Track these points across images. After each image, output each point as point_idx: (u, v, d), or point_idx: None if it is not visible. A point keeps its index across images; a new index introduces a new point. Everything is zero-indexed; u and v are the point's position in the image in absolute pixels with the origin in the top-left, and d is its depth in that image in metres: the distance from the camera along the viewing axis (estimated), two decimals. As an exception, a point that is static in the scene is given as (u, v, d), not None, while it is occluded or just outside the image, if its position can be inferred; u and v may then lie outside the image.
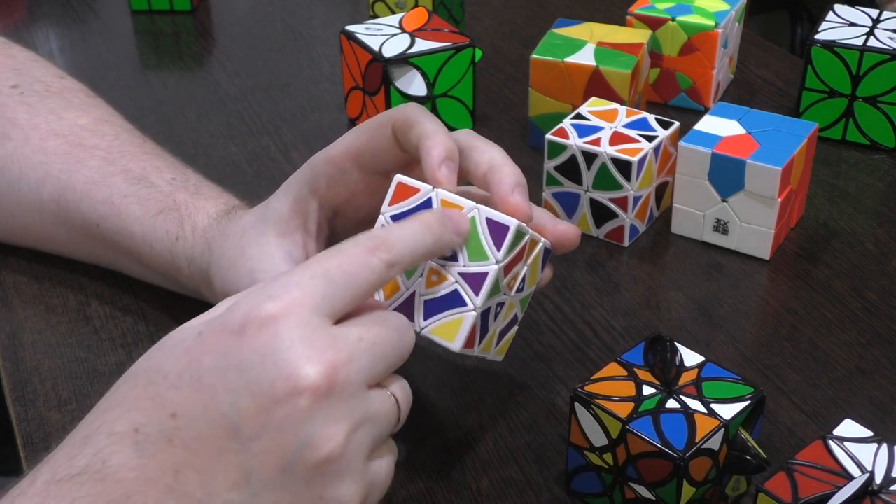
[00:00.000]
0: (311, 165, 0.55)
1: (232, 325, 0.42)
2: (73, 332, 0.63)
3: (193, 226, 0.59)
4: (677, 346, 0.52)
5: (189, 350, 0.42)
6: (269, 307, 0.41)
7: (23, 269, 0.68)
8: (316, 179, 0.54)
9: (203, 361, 0.41)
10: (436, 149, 0.50)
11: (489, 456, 0.55)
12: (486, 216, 0.48)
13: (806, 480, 0.44)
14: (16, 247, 0.69)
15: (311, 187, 0.55)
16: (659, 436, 0.47)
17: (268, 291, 0.42)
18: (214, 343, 0.42)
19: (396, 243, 0.45)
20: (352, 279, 0.43)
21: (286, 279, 0.43)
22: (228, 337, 0.41)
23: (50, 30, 1.03)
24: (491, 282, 0.48)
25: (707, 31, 0.82)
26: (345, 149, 0.54)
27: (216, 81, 0.92)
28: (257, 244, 0.55)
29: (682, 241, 0.71)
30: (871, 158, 0.80)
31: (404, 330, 0.45)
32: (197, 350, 0.42)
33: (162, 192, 0.61)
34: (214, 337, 0.42)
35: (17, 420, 0.57)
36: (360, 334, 0.43)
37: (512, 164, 0.52)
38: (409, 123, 0.51)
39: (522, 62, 0.91)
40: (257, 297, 0.42)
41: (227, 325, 0.42)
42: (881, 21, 0.81)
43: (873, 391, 0.59)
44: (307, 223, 0.55)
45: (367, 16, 0.98)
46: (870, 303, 0.66)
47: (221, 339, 0.42)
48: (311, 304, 0.42)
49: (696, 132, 0.69)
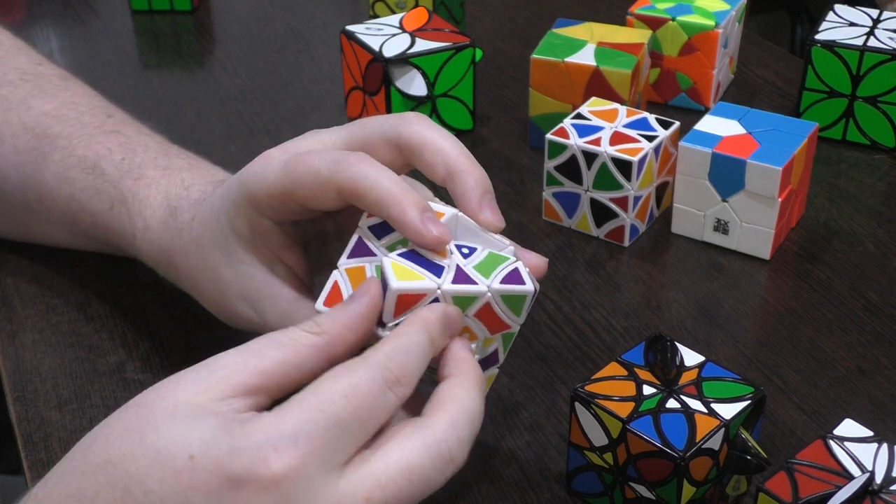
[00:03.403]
0: (251, 195, 0.49)
1: (230, 472, 0.37)
2: (74, 332, 0.63)
3: (145, 225, 0.57)
4: (677, 346, 0.52)
5: (178, 474, 0.38)
6: (274, 465, 0.37)
7: (23, 268, 0.68)
8: (261, 208, 0.49)
9: (190, 498, 0.37)
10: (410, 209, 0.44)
11: (489, 456, 0.55)
12: (501, 294, 0.46)
13: (806, 480, 0.44)
14: (16, 247, 0.69)
15: (260, 212, 0.49)
16: (659, 435, 0.47)
17: (274, 440, 0.38)
18: (207, 482, 0.37)
19: (413, 373, 0.41)
20: (367, 423, 0.40)
21: (296, 424, 0.38)
22: (223, 484, 0.37)
23: (50, 30, 1.03)
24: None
25: (707, 31, 0.82)
26: (283, 190, 0.47)
27: (216, 81, 0.92)
28: (229, 268, 0.52)
29: (683, 240, 0.71)
30: (871, 158, 0.80)
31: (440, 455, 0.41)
32: (187, 480, 0.37)
33: (110, 181, 0.59)
34: (208, 475, 0.37)
35: (17, 420, 0.57)
36: (377, 493, 0.39)
37: (473, 164, 0.48)
38: (360, 193, 0.45)
39: (523, 62, 0.91)
40: (262, 447, 0.38)
41: (223, 469, 0.37)
42: (881, 21, 0.81)
43: (873, 391, 0.59)
44: (271, 238, 0.51)
45: (368, 16, 0.98)
46: (870, 303, 0.66)
47: (215, 483, 0.37)
48: (320, 460, 0.38)
49: (697, 132, 0.69)
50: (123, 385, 0.59)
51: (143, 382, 0.59)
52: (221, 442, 0.38)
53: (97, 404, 0.58)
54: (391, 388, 0.40)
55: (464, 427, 0.41)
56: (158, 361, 0.61)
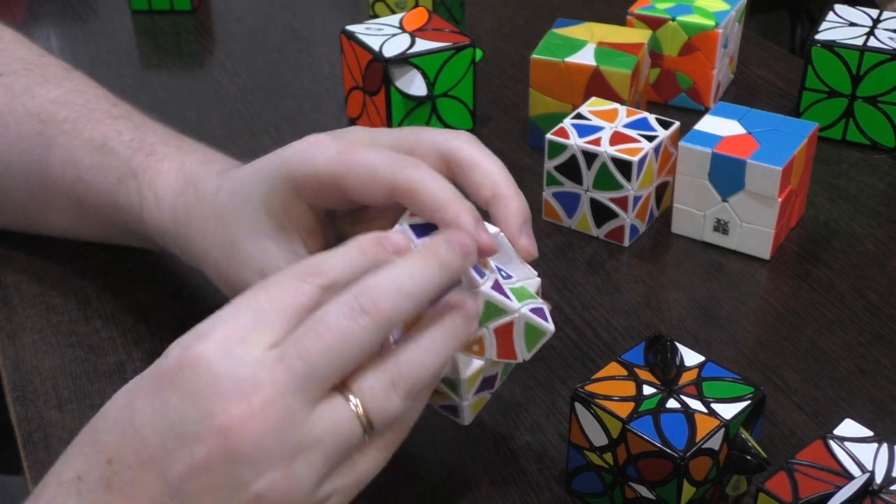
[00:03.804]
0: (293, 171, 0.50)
1: (163, 367, 0.41)
2: (73, 332, 0.63)
3: (156, 195, 0.57)
4: (677, 346, 0.52)
5: (127, 393, 0.42)
6: (196, 347, 0.40)
7: (23, 268, 0.68)
8: (300, 187, 0.50)
9: (136, 405, 0.41)
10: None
11: (489, 456, 0.55)
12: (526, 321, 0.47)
13: (806, 480, 0.44)
14: (16, 246, 0.69)
15: (297, 193, 0.51)
16: (659, 435, 0.47)
17: (196, 331, 0.41)
18: (147, 386, 0.41)
19: (330, 270, 0.43)
20: (281, 306, 0.41)
21: (213, 316, 0.41)
22: (160, 380, 0.41)
23: (50, 30, 1.03)
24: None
25: (707, 31, 0.82)
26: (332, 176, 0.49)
27: (216, 81, 0.92)
28: (254, 238, 0.52)
29: (683, 240, 0.71)
30: (871, 158, 0.80)
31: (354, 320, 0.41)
32: (133, 393, 0.41)
33: (120, 158, 0.60)
34: (149, 381, 0.41)
35: (17, 420, 0.57)
36: (290, 349, 0.40)
37: (517, 192, 0.50)
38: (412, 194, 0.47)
39: (523, 62, 0.91)
40: (187, 338, 0.41)
41: (160, 368, 0.41)
42: (881, 21, 0.81)
43: (873, 391, 0.59)
44: (301, 220, 0.52)
45: (368, 16, 0.98)
46: (870, 303, 0.66)
47: (154, 382, 0.41)
48: (237, 336, 0.40)
49: (697, 132, 0.69)
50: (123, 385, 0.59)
51: (143, 382, 0.59)
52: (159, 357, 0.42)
53: (97, 404, 0.58)
54: (304, 279, 0.42)
55: (382, 284, 0.42)
56: (158, 361, 0.61)
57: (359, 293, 0.41)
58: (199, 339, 0.40)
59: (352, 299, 0.41)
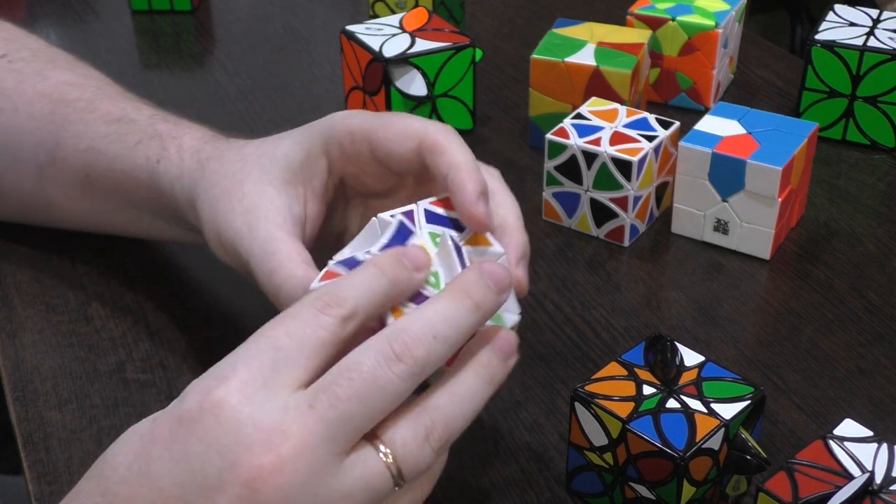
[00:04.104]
0: (330, 127, 0.52)
1: (182, 412, 0.39)
2: (74, 332, 0.63)
3: (179, 146, 0.57)
4: (677, 346, 0.52)
5: (141, 439, 0.39)
6: (217, 391, 0.38)
7: (23, 269, 0.68)
8: (330, 143, 0.52)
9: (152, 452, 0.39)
10: (471, 183, 0.47)
11: (489, 456, 0.55)
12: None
13: (806, 480, 0.44)
14: (17, 247, 0.69)
15: (325, 147, 0.52)
16: (659, 435, 0.47)
17: (215, 373, 0.39)
18: (164, 431, 0.39)
19: (349, 298, 0.41)
20: (303, 344, 0.39)
21: (232, 356, 0.40)
22: (179, 425, 0.38)
23: (50, 30, 1.03)
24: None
25: (707, 31, 0.82)
26: (366, 130, 0.51)
27: (216, 81, 0.92)
28: (258, 182, 0.52)
29: (683, 241, 0.71)
30: (871, 158, 0.80)
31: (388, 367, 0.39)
32: (147, 439, 0.39)
33: (141, 125, 0.60)
34: (165, 426, 0.39)
35: (17, 420, 0.57)
36: (321, 397, 0.38)
37: (523, 230, 0.50)
38: (439, 149, 0.49)
39: (522, 62, 0.91)
40: (207, 381, 0.39)
41: (176, 413, 0.39)
42: (881, 21, 0.81)
43: (873, 391, 0.59)
44: (313, 179, 0.53)
45: (368, 16, 0.98)
46: (870, 303, 0.66)
47: (172, 428, 0.39)
48: (260, 378, 0.39)
49: (697, 132, 0.69)
50: (123, 385, 0.59)
51: (143, 382, 0.59)
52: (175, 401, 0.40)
53: (97, 404, 0.58)
54: (323, 311, 0.40)
55: (415, 328, 0.40)
56: (158, 361, 0.61)
57: (392, 339, 0.40)
58: (220, 381, 0.39)
59: (386, 345, 0.40)
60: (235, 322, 0.64)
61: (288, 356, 0.39)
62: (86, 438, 0.55)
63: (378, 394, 0.39)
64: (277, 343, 0.39)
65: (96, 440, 0.56)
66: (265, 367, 0.39)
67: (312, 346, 0.40)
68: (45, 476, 0.53)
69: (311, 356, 0.40)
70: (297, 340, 0.39)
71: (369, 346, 0.40)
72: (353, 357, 0.40)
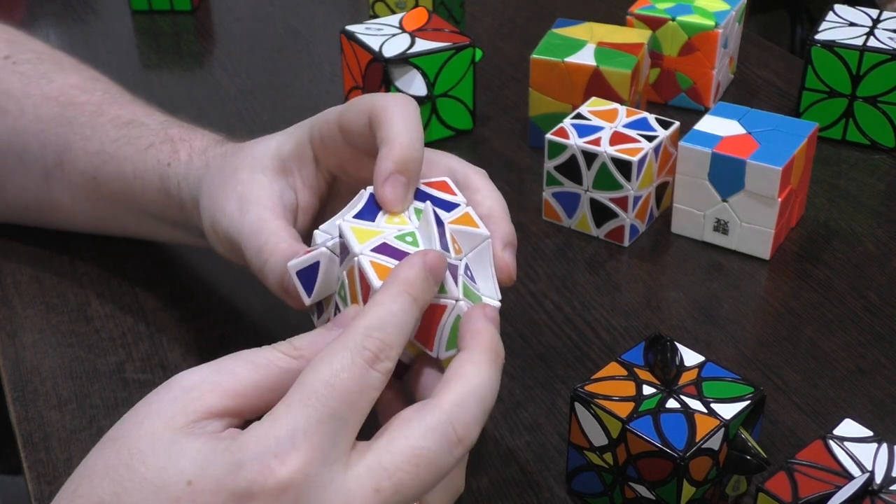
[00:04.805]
0: (315, 119, 0.54)
1: (234, 488, 0.36)
2: (73, 332, 0.63)
3: (190, 149, 0.58)
4: (677, 346, 0.52)
5: (177, 501, 0.36)
6: (279, 471, 0.36)
7: (23, 268, 0.68)
8: (313, 133, 0.53)
9: None
10: (388, 161, 0.46)
11: (489, 456, 0.55)
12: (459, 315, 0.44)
13: (806, 480, 0.44)
14: (17, 247, 0.69)
15: (311, 138, 0.53)
16: (659, 435, 0.47)
17: (272, 447, 0.37)
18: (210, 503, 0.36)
19: (392, 345, 0.40)
20: (357, 406, 0.38)
21: (290, 425, 0.37)
22: (227, 501, 0.36)
23: (50, 30, 1.03)
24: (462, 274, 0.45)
25: (707, 31, 0.82)
26: (337, 114, 0.52)
27: (216, 81, 0.92)
28: (251, 170, 0.53)
29: (682, 241, 0.71)
30: (871, 158, 0.80)
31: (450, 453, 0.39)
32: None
33: (152, 129, 0.61)
34: (210, 496, 0.36)
35: (17, 420, 0.57)
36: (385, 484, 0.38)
37: (509, 221, 0.49)
38: (379, 121, 0.48)
39: (522, 62, 0.91)
40: (262, 456, 0.37)
41: (226, 487, 0.36)
42: (881, 21, 0.81)
43: (873, 391, 0.59)
44: (303, 170, 0.54)
45: (367, 16, 0.98)
46: (870, 303, 0.66)
47: (218, 502, 0.36)
48: (322, 456, 0.37)
49: (696, 132, 0.69)
50: (123, 385, 0.59)
51: (143, 382, 0.59)
52: (217, 460, 0.37)
53: (97, 404, 0.58)
54: (372, 366, 0.39)
55: (471, 406, 0.40)
56: (158, 361, 0.61)
57: (456, 422, 0.39)
58: (275, 460, 0.37)
59: (450, 428, 0.39)
60: (235, 322, 0.64)
61: (346, 426, 0.38)
62: (86, 438, 0.55)
63: (437, 479, 0.39)
64: (329, 407, 0.38)
65: (96, 440, 0.55)
66: (325, 440, 0.37)
67: (365, 409, 0.39)
68: (45, 476, 0.53)
69: (363, 418, 0.39)
70: (349, 403, 0.38)
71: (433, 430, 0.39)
72: (420, 443, 0.39)
